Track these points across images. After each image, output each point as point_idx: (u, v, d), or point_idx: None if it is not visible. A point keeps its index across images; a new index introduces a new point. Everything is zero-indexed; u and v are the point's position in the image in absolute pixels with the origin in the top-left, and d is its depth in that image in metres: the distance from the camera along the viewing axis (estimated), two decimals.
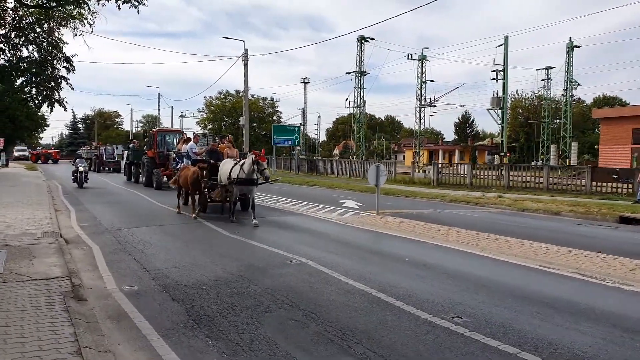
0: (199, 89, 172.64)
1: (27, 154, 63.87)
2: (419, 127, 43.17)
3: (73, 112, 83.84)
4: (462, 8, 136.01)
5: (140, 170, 24.26)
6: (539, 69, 59.26)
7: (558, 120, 62.17)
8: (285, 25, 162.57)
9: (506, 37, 33.31)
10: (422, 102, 41.58)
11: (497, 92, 35.28)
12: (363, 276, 6.70)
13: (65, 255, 7.39)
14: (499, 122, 35.70)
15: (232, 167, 11.72)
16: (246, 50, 36.61)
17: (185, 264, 7.46)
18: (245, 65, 36.77)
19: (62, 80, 7.70)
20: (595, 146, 47.05)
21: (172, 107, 72.35)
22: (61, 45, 7.58)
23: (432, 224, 11.05)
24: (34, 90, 7.39)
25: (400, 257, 8.04)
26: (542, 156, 59.26)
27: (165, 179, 20.47)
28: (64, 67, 7.67)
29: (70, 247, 8.62)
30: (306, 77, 71.29)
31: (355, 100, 47.77)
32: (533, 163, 51.80)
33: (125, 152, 28.68)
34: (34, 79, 7.21)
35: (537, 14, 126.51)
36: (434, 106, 41.87)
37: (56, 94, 7.67)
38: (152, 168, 21.29)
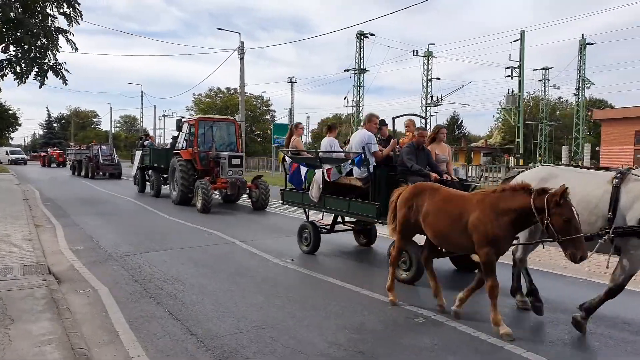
0: (180, 89, 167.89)
1: (24, 156, 53.46)
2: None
3: (48, 111, 79.46)
4: (446, 9, 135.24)
5: (164, 179, 17.19)
6: (536, 70, 58.10)
7: (554, 122, 61.07)
8: (269, 26, 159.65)
9: (522, 32, 31.40)
10: (428, 101, 39.35)
11: (512, 89, 33.30)
12: None
13: (62, 314, 4.62)
14: (514, 121, 33.67)
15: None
16: (242, 43, 33.86)
17: (254, 324, 4.76)
18: (242, 59, 34.01)
19: (60, 35, 4.93)
20: (597, 148, 45.78)
21: (155, 106, 68.62)
22: None
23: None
24: (15, 50, 4.65)
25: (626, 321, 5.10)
26: (539, 158, 57.89)
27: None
28: (62, 13, 4.90)
29: (65, 289, 5.83)
30: (293, 77, 68.61)
31: (355, 99, 45.43)
32: (531, 165, 50.21)
33: (137, 152, 20.10)
34: (13, 33, 4.47)
35: (518, 16, 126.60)
36: (440, 105, 39.65)
37: (49, 56, 4.91)
38: (191, 177, 14.44)
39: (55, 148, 52.87)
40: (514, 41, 31.64)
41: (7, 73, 5.22)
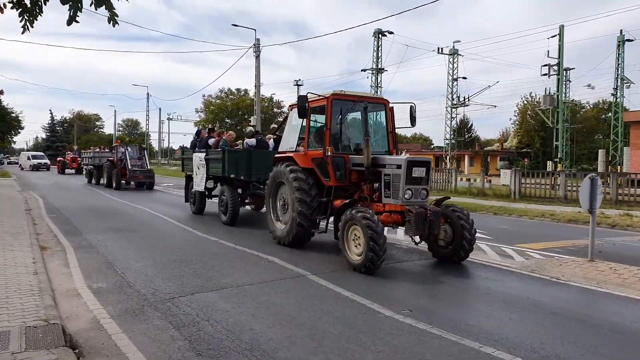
0: (183, 93, 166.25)
1: (47, 161, 47.21)
2: (450, 128, 38.69)
3: (51, 114, 77.63)
4: (448, 11, 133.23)
5: (241, 198, 12.01)
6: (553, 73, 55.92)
7: (577, 125, 59.02)
8: (269, 31, 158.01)
9: (561, 27, 29.18)
10: (453, 102, 37.13)
11: (549, 89, 31.14)
12: None
13: None
14: (552, 123, 31.47)
15: None
16: (258, 40, 31.88)
17: None
18: (257, 57, 31.92)
19: None
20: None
21: (160, 109, 66.83)
22: None
23: None
24: None
25: None
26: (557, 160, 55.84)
27: None
28: None
29: None
30: (299, 80, 66.65)
31: None
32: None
33: (194, 156, 13.43)
34: None
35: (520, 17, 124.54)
36: (467, 105, 37.47)
37: None
38: (314, 201, 8.32)
39: (68, 152, 45.10)
40: (552, 37, 29.46)
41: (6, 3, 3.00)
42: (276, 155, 9.53)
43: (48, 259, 7.60)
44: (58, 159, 43.29)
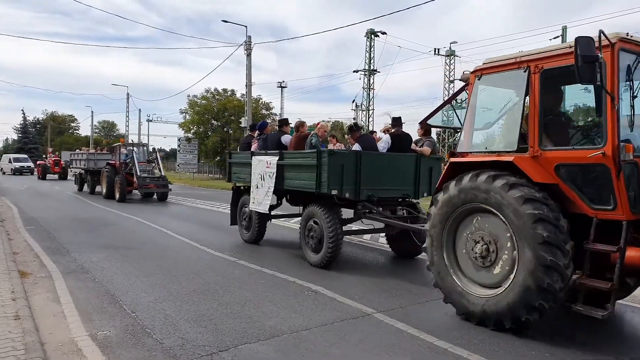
0: (163, 95, 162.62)
1: (30, 164, 42.61)
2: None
3: (23, 114, 74.18)
4: (423, 19, 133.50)
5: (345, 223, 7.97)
6: None
7: None
8: (248, 32, 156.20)
9: (564, 28, 28.42)
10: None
11: None
12: None
13: None
14: None
15: None
16: (249, 37, 30.32)
17: None
18: (249, 55, 30.34)
19: None
20: None
21: (140, 110, 64.04)
22: None
23: None
24: None
25: None
26: None
27: None
28: None
29: None
30: (283, 81, 65.06)
31: (364, 102, 42.10)
32: None
33: (256, 160, 8.91)
34: None
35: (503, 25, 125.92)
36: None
37: None
38: (569, 244, 4.40)
39: (50, 154, 38.07)
40: (554, 38, 28.69)
41: None
42: (454, 160, 5.39)
43: (31, 291, 5.97)
44: (38, 162, 38.03)
